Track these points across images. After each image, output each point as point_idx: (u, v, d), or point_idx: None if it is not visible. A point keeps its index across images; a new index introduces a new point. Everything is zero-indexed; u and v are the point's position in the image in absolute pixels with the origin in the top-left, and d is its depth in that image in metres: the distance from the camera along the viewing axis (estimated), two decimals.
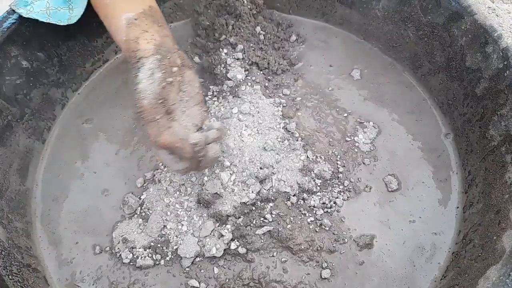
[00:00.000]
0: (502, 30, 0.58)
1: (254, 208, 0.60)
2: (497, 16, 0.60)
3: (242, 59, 0.74)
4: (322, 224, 0.60)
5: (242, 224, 0.59)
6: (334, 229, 0.60)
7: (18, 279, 0.53)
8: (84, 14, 0.65)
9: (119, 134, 0.72)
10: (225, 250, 0.58)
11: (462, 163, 0.66)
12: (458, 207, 0.62)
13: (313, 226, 0.60)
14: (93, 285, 0.58)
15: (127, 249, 0.59)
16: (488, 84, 0.61)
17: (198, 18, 0.80)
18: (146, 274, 0.58)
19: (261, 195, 0.60)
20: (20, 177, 0.65)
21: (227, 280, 0.57)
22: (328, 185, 0.64)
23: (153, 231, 0.59)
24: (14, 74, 0.65)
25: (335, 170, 0.65)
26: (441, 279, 0.57)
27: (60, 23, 0.64)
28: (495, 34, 0.58)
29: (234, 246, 0.58)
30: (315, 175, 0.63)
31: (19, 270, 0.55)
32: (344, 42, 0.83)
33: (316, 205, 0.61)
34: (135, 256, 0.59)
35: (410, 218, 0.62)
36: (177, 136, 0.50)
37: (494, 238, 0.50)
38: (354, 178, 0.65)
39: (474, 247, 0.54)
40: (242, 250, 0.58)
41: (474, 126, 0.63)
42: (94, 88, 0.79)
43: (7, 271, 0.53)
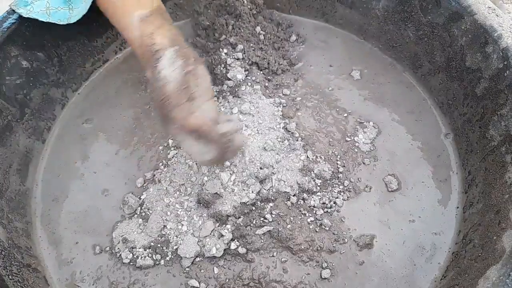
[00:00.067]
0: (502, 30, 0.58)
1: (254, 208, 0.60)
2: (497, 16, 0.60)
3: (242, 59, 0.74)
4: (322, 224, 0.60)
5: (242, 224, 0.59)
6: (334, 229, 0.60)
7: (18, 279, 0.53)
8: (84, 14, 0.65)
9: (119, 134, 0.72)
10: (225, 250, 0.58)
11: (462, 163, 0.66)
12: (458, 207, 0.62)
13: (313, 226, 0.60)
14: (93, 285, 0.58)
15: (127, 249, 0.59)
16: (488, 84, 0.60)
17: (198, 18, 0.80)
18: (146, 274, 0.58)
19: (261, 195, 0.60)
20: (20, 177, 0.65)
21: (227, 280, 0.57)
22: (328, 185, 0.64)
23: (153, 231, 0.59)
24: (14, 74, 0.65)
25: (335, 170, 0.65)
26: (441, 279, 0.57)
27: (59, 22, 0.64)
28: (495, 34, 0.58)
29: (234, 246, 0.58)
30: (315, 175, 0.63)
31: (19, 270, 0.55)
32: (344, 42, 0.83)
33: (316, 205, 0.61)
34: (135, 256, 0.59)
35: (410, 218, 0.62)
36: (205, 118, 0.51)
37: (494, 238, 0.50)
38: (354, 178, 0.65)
39: (474, 247, 0.54)
40: (242, 250, 0.58)
41: (474, 126, 0.63)
42: (94, 88, 0.79)
43: (7, 271, 0.53)
